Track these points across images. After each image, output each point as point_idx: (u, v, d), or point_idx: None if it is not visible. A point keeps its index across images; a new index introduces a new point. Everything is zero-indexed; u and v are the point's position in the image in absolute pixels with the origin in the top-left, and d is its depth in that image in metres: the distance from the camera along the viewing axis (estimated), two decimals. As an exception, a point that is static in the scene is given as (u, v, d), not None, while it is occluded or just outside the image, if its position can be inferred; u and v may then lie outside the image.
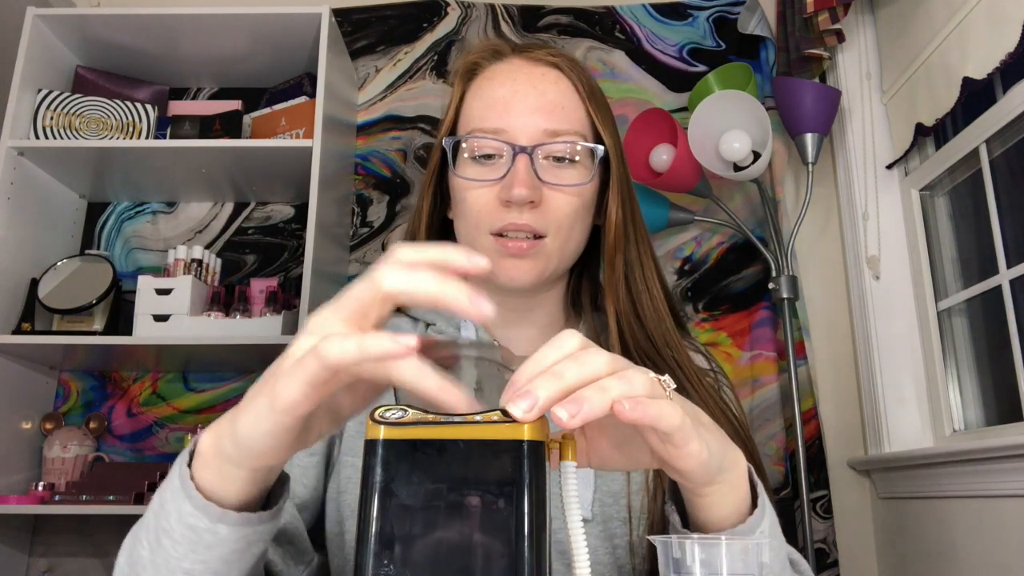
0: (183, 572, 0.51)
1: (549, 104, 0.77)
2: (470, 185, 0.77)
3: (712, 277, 2.01)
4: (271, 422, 0.44)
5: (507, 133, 0.76)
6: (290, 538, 0.72)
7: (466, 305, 0.42)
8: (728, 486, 0.52)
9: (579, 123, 0.78)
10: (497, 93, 0.78)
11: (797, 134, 1.85)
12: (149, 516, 0.54)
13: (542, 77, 0.79)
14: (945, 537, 1.57)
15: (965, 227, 1.74)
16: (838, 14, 1.77)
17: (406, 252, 0.45)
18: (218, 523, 0.49)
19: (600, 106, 0.81)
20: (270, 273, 2.03)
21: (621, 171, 0.81)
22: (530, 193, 0.73)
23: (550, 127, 0.76)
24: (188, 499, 0.49)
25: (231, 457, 0.48)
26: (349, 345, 0.41)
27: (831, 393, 1.93)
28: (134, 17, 1.89)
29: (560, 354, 0.44)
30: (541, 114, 0.76)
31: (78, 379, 1.97)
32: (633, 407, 0.43)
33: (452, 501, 0.42)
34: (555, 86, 0.79)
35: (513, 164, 0.74)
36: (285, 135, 1.93)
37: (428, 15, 2.19)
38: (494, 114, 0.77)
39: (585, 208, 0.79)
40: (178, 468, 0.51)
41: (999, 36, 1.41)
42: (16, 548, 1.83)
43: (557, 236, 0.76)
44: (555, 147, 0.76)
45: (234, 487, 0.49)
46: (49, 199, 1.92)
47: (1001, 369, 1.57)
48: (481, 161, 0.77)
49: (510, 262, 0.76)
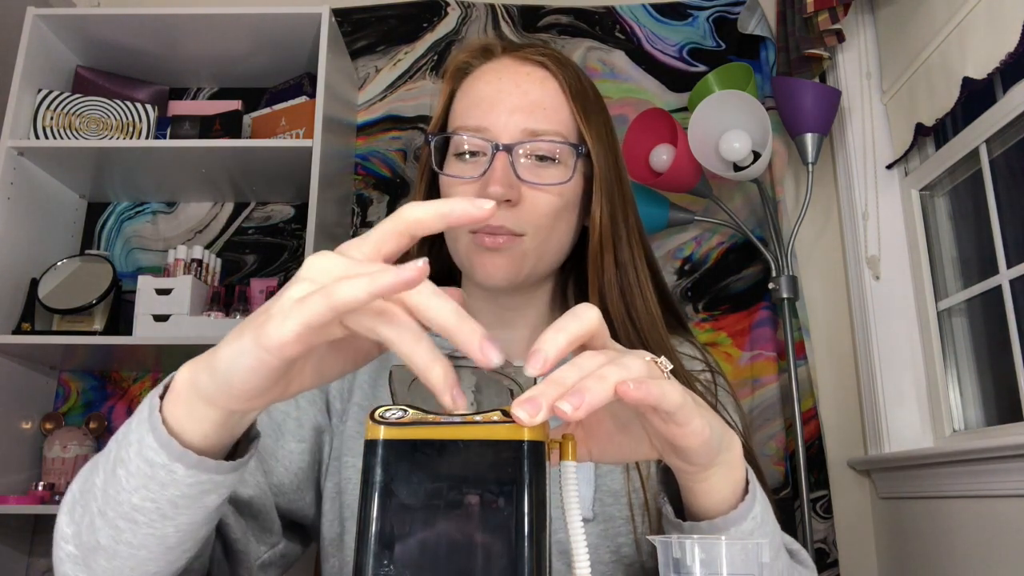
0: (130, 506, 0.49)
1: (531, 104, 0.77)
2: (453, 182, 0.78)
3: (712, 277, 2.01)
4: (254, 358, 0.42)
5: (489, 131, 0.76)
6: (255, 512, 0.71)
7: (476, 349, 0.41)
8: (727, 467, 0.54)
9: (562, 123, 0.78)
10: (482, 92, 0.79)
11: (797, 134, 1.85)
12: (111, 444, 0.52)
13: (527, 76, 0.79)
14: (945, 537, 1.57)
15: (965, 227, 1.74)
16: (838, 14, 1.77)
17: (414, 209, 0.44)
18: (176, 462, 0.47)
19: (588, 106, 0.80)
20: (270, 273, 2.03)
21: (609, 171, 0.80)
22: (506, 191, 0.73)
23: (531, 127, 0.76)
24: (152, 431, 0.47)
25: (206, 394, 0.46)
26: (360, 283, 0.39)
27: (831, 393, 1.93)
28: (134, 17, 1.89)
29: None
30: (522, 113, 0.76)
31: (78, 379, 1.97)
32: (637, 387, 0.43)
33: (452, 501, 0.42)
34: (539, 85, 0.79)
35: (492, 162, 0.74)
36: (285, 135, 1.93)
37: (428, 15, 2.19)
38: (478, 112, 0.77)
39: (567, 208, 0.78)
40: (149, 400, 0.49)
41: (999, 36, 1.41)
42: (16, 548, 1.83)
43: (536, 235, 0.76)
44: (536, 145, 0.76)
45: (201, 427, 0.47)
46: (49, 199, 1.92)
47: (1001, 369, 1.57)
48: (464, 159, 0.78)
49: (486, 257, 0.75)
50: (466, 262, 0.78)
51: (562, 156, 0.77)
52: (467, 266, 0.78)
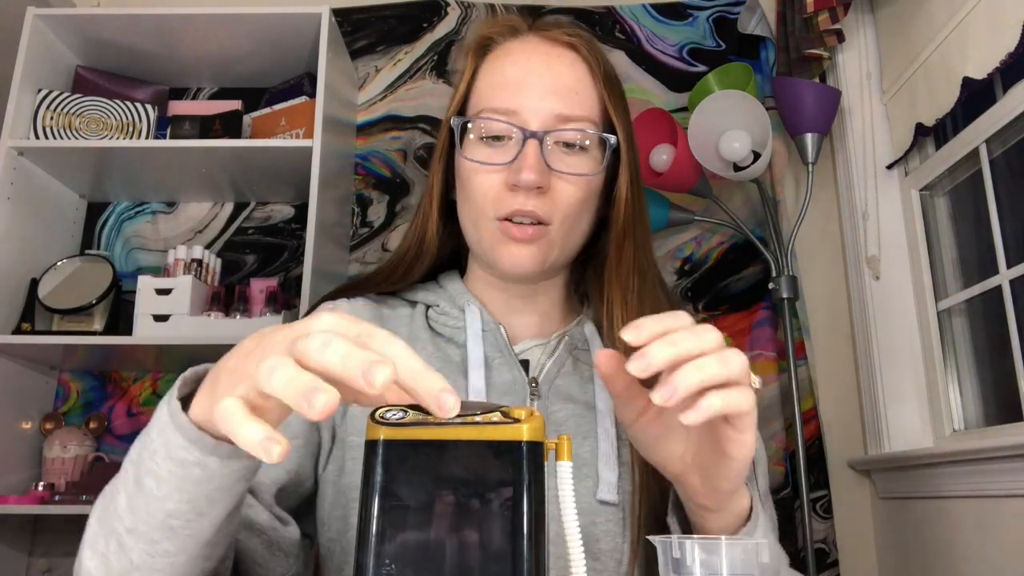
0: (165, 513, 0.50)
1: (563, 87, 0.75)
2: (478, 168, 0.75)
3: (712, 277, 2.01)
4: None
5: (518, 115, 0.74)
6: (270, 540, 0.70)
7: None
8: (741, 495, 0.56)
9: (592, 109, 0.76)
10: (510, 72, 0.76)
11: (797, 134, 1.85)
12: (126, 466, 0.53)
13: (558, 58, 0.77)
14: (945, 537, 1.57)
15: (965, 227, 1.74)
16: (838, 14, 1.77)
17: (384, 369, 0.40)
18: (210, 455, 0.48)
19: (614, 90, 0.79)
20: (270, 273, 2.03)
21: (633, 158, 0.79)
22: (539, 178, 0.71)
23: (563, 111, 0.74)
24: (179, 431, 0.48)
25: None
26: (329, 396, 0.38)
27: (831, 393, 1.93)
28: (134, 17, 1.89)
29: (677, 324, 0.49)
30: (555, 97, 0.74)
31: (78, 379, 1.97)
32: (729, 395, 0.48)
33: (452, 501, 0.42)
34: (571, 69, 0.76)
35: (523, 148, 0.72)
36: (285, 135, 1.93)
37: (428, 15, 2.19)
38: (507, 94, 0.75)
39: (592, 197, 0.77)
40: (166, 406, 0.50)
41: (999, 36, 1.41)
42: (16, 548, 1.83)
43: (563, 224, 0.75)
44: (566, 134, 0.74)
45: None
46: (49, 199, 1.92)
47: (1001, 369, 1.57)
48: (489, 143, 0.75)
49: (514, 248, 0.74)
50: (490, 251, 0.76)
51: (590, 145, 0.75)
52: (490, 255, 0.76)
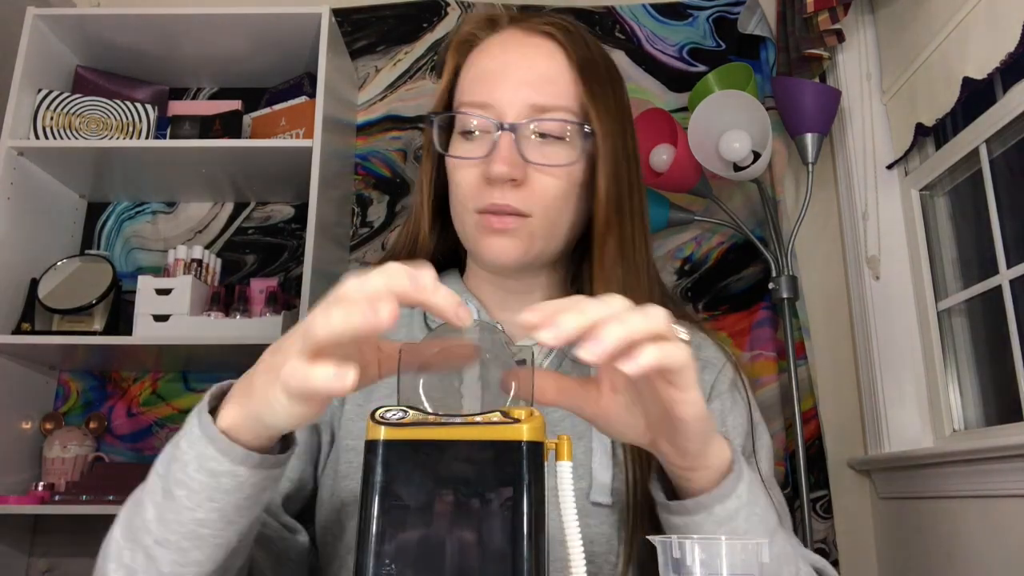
0: (195, 523, 0.51)
1: (539, 78, 0.74)
2: (458, 163, 0.75)
3: (712, 277, 2.01)
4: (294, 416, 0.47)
5: (493, 108, 0.73)
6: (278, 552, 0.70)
7: None
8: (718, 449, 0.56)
9: (569, 98, 0.75)
10: (486, 66, 0.76)
11: (797, 134, 1.85)
12: (153, 479, 0.54)
13: (535, 48, 0.76)
14: (945, 537, 1.57)
15: (965, 227, 1.74)
16: (838, 14, 1.77)
17: None
18: (240, 465, 0.50)
19: (595, 78, 0.77)
20: (270, 273, 2.03)
21: (616, 150, 0.77)
22: (511, 171, 0.71)
23: (538, 102, 0.73)
24: (211, 442, 0.50)
25: None
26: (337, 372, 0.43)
27: (831, 393, 1.93)
28: (134, 17, 1.89)
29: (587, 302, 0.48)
30: (529, 88, 0.73)
31: (78, 379, 1.97)
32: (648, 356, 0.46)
33: (452, 501, 0.42)
34: (547, 59, 0.76)
35: (497, 141, 0.72)
36: (285, 135, 1.93)
37: (428, 15, 2.19)
38: (483, 88, 0.75)
39: (574, 188, 0.76)
40: (196, 418, 0.52)
41: (999, 36, 1.41)
42: (16, 548, 1.83)
43: (544, 216, 0.74)
44: (543, 124, 0.73)
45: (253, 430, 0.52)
46: (49, 199, 1.92)
47: (1001, 369, 1.57)
48: (468, 137, 0.75)
49: (494, 239, 0.74)
50: (472, 243, 0.76)
51: (570, 135, 0.74)
52: (474, 247, 0.77)
